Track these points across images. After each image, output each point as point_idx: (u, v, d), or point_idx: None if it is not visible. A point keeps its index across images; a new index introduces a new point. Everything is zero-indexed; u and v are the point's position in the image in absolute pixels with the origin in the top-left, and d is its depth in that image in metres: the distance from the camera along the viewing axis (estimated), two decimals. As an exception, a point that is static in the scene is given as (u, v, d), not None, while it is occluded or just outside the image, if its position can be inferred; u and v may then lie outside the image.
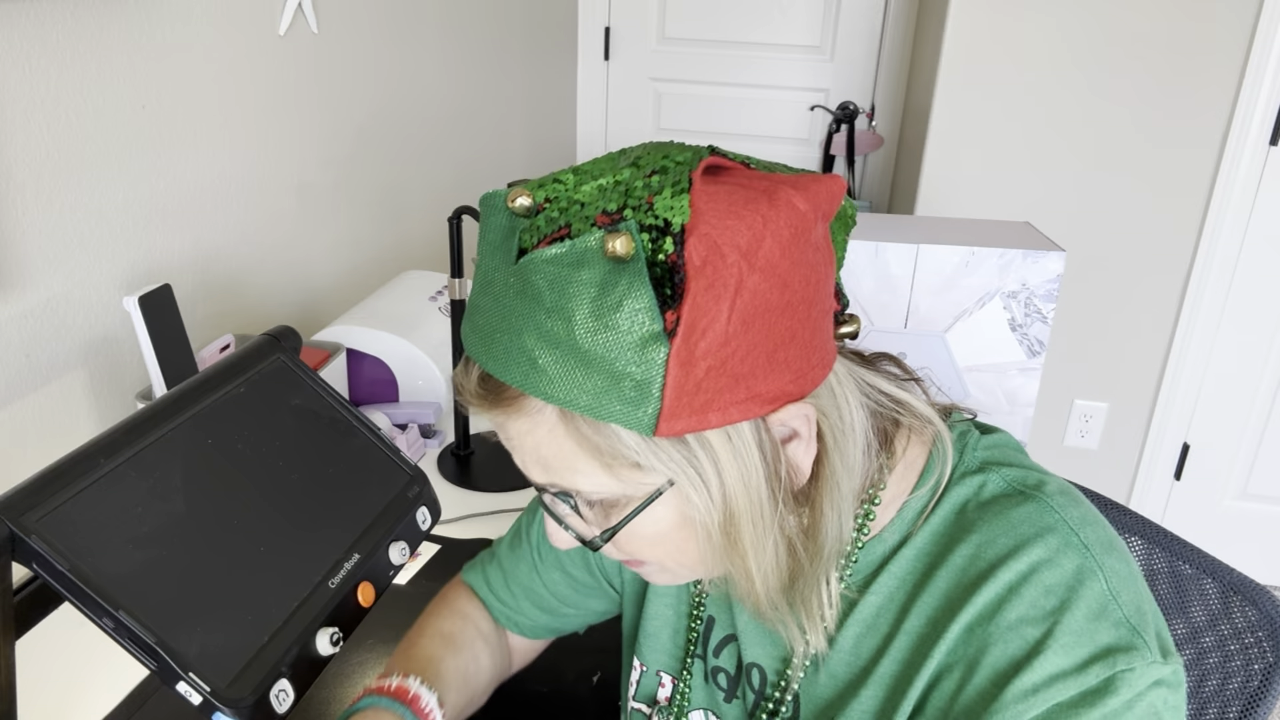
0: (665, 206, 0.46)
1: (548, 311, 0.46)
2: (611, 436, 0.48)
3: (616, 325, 0.45)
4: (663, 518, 0.52)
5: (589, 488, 0.51)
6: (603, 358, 0.45)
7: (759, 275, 0.46)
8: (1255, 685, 0.73)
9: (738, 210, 0.47)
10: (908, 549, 0.58)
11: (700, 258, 0.45)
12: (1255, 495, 2.36)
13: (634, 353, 0.45)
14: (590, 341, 0.45)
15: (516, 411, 0.50)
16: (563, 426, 0.49)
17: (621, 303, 0.45)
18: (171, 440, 0.60)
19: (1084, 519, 0.55)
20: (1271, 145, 2.05)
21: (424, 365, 1.30)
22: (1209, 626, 0.77)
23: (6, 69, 0.93)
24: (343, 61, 1.54)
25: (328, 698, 0.85)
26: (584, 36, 2.89)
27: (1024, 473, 0.58)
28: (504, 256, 0.49)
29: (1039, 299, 1.13)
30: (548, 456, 0.51)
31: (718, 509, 0.50)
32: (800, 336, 0.50)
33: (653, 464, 0.49)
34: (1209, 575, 0.78)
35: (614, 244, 0.44)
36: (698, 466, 0.49)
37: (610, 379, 0.46)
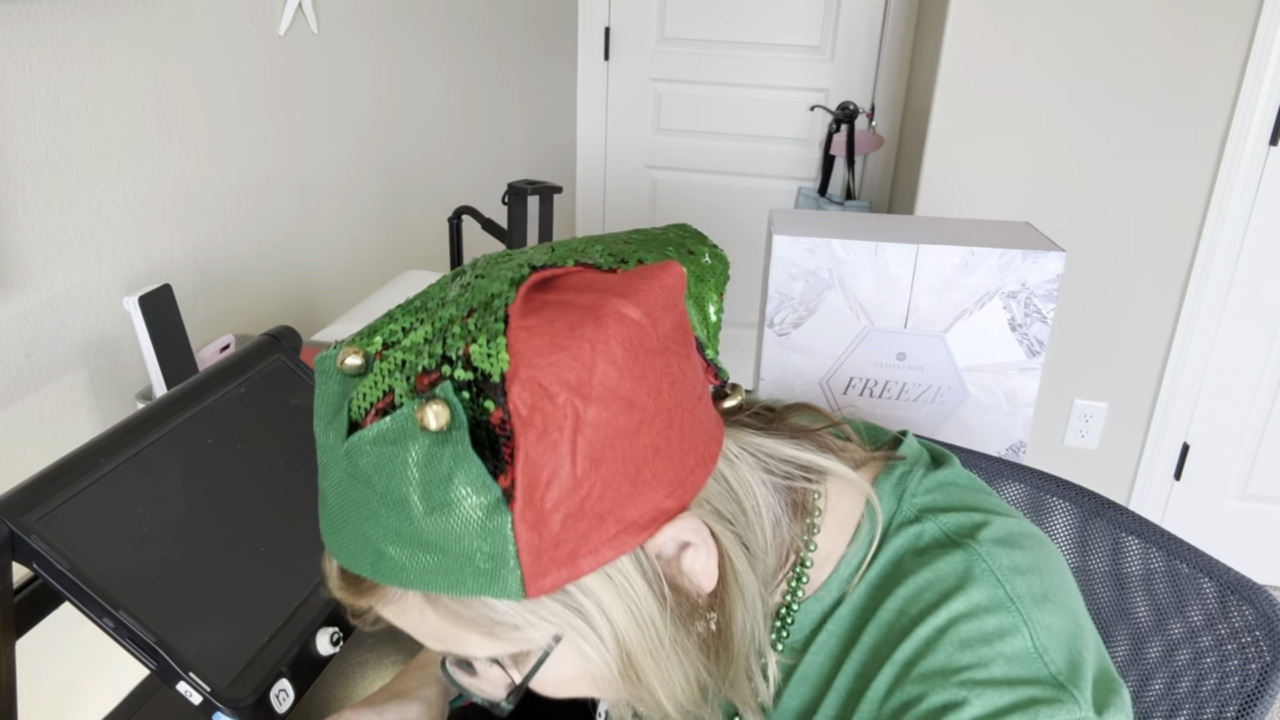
0: (481, 356, 0.42)
1: (381, 498, 0.43)
2: (482, 607, 0.45)
3: (450, 503, 0.41)
4: (564, 664, 0.48)
5: (482, 653, 0.48)
6: (446, 538, 0.42)
7: (597, 407, 0.42)
8: (1252, 685, 0.73)
9: (560, 343, 0.43)
10: (844, 607, 0.56)
11: (527, 407, 0.41)
12: (1255, 495, 2.36)
13: (477, 528, 0.41)
14: (429, 525, 0.42)
15: (380, 601, 0.47)
16: (430, 608, 0.46)
17: (450, 478, 0.41)
18: (171, 440, 0.60)
19: (1015, 568, 0.52)
20: (1271, 145, 2.05)
21: (424, 365, 1.30)
22: (1206, 627, 0.77)
23: (6, 69, 0.93)
24: (343, 61, 1.54)
25: (328, 698, 0.85)
26: (584, 36, 2.89)
27: (963, 517, 0.55)
28: (335, 434, 0.45)
29: (1039, 299, 1.13)
30: (429, 634, 0.48)
31: (612, 653, 0.47)
32: (665, 448, 0.46)
33: (534, 623, 0.45)
34: (1206, 575, 0.78)
35: (428, 416, 0.40)
36: (582, 614, 0.45)
37: (460, 557, 0.42)
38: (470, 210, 1.11)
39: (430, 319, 0.46)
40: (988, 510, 0.56)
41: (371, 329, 0.47)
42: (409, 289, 1.45)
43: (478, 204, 2.19)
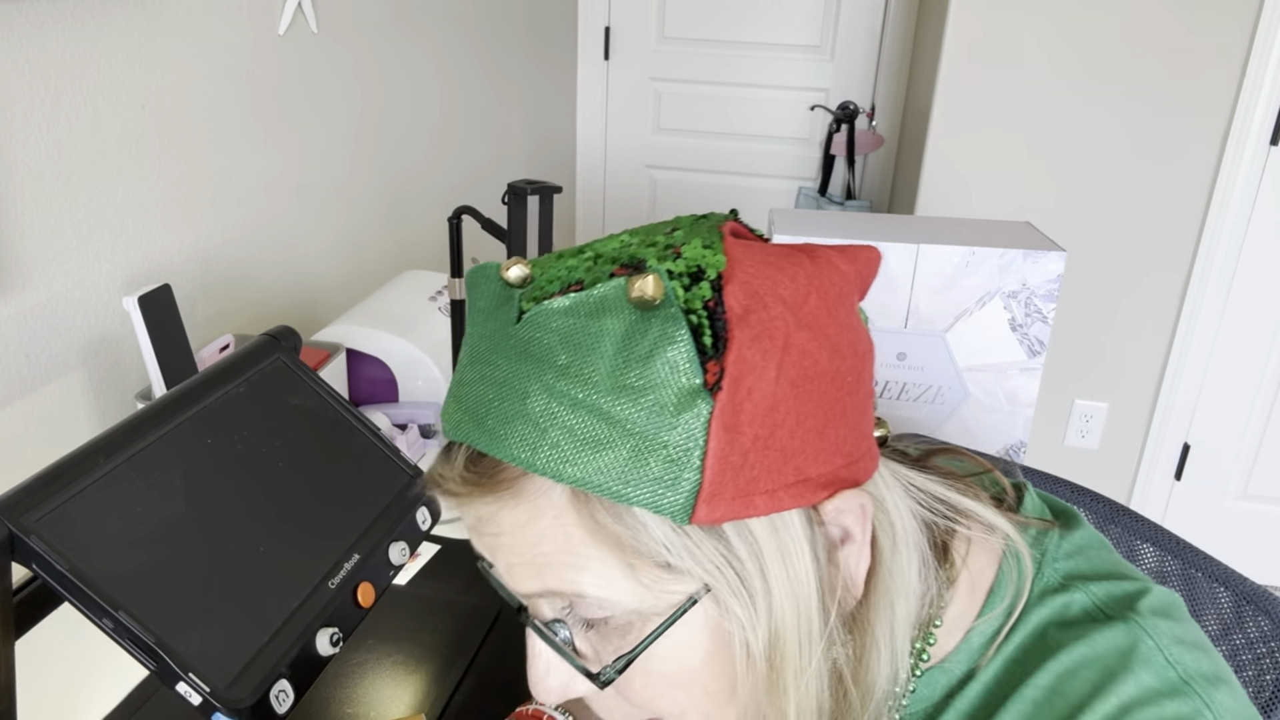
0: (696, 255, 0.39)
1: (559, 370, 0.38)
2: (636, 526, 0.39)
3: (648, 380, 0.37)
4: (692, 643, 0.42)
5: (598, 592, 0.41)
6: (630, 421, 0.37)
7: (807, 332, 0.39)
8: (1267, 696, 0.72)
9: (776, 263, 0.40)
10: (976, 682, 0.48)
11: (742, 306, 0.38)
12: (1256, 496, 2.36)
13: (669, 414, 0.37)
14: (614, 402, 0.37)
15: (514, 496, 0.41)
16: (574, 513, 0.40)
17: (653, 353, 0.37)
18: (171, 440, 0.60)
19: (1182, 642, 0.45)
20: (1272, 145, 2.05)
21: (424, 365, 1.30)
22: (1222, 636, 0.76)
23: (6, 69, 0.93)
24: (343, 61, 1.54)
25: (328, 698, 0.85)
26: (584, 36, 2.89)
27: (1114, 586, 0.48)
28: (500, 321, 0.41)
29: (1039, 299, 1.13)
30: (548, 553, 0.41)
31: (762, 623, 0.41)
32: (850, 414, 0.42)
33: (685, 563, 0.39)
34: (1222, 584, 0.77)
35: (641, 285, 0.37)
36: (739, 567, 0.40)
37: (638, 449, 0.37)
38: (470, 210, 1.11)
39: (618, 240, 0.43)
40: (1137, 577, 0.49)
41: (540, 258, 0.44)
42: (409, 289, 1.45)
43: (478, 204, 2.19)
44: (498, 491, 0.41)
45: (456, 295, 1.17)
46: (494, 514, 0.42)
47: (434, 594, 0.96)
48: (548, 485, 0.40)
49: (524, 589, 0.43)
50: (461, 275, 1.17)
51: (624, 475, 0.38)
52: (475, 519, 0.44)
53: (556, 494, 0.40)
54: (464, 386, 0.42)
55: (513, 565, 0.43)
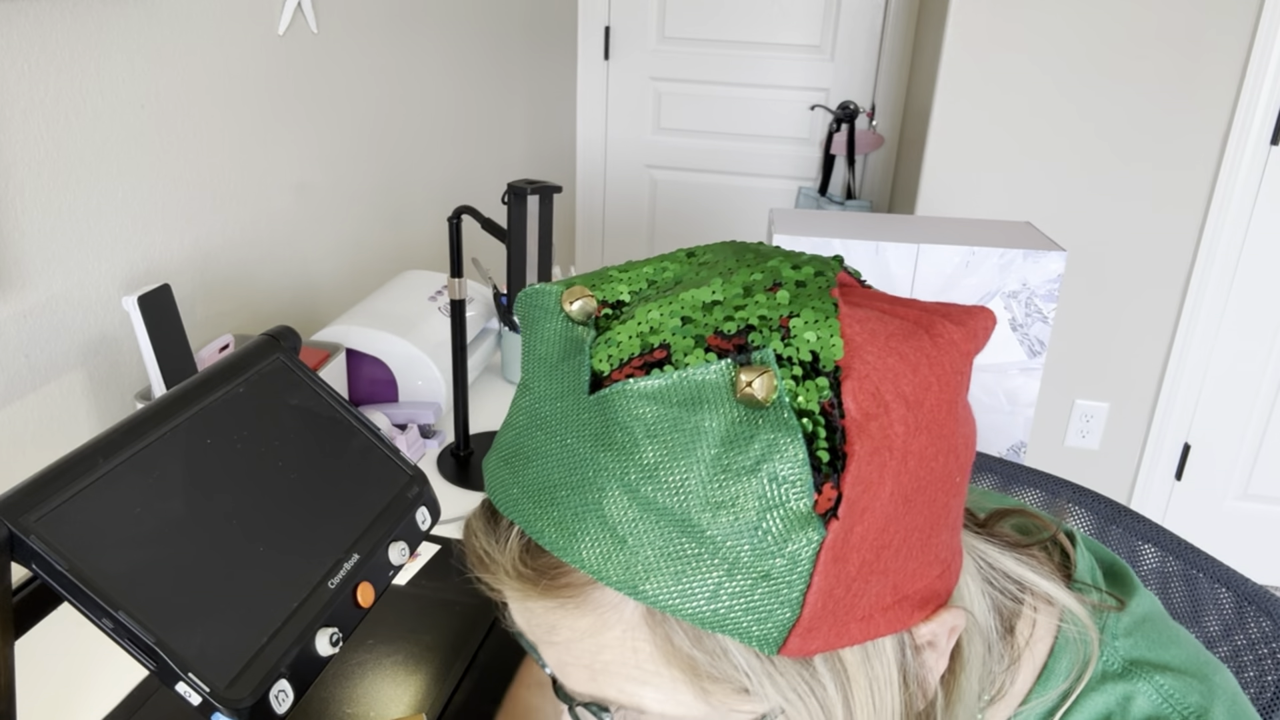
0: (809, 336, 0.33)
1: (646, 471, 0.33)
2: (717, 652, 0.35)
3: (750, 497, 0.32)
4: None
5: (659, 709, 0.36)
6: (726, 543, 0.32)
7: (926, 436, 0.34)
8: (1269, 697, 0.72)
9: (897, 348, 0.35)
10: None
11: (862, 411, 0.32)
12: (1256, 496, 2.36)
13: (774, 540, 0.32)
14: (710, 518, 0.32)
15: (579, 605, 0.36)
16: (647, 630, 0.35)
17: (760, 465, 0.32)
18: (171, 440, 0.60)
19: None
20: (1272, 145, 2.05)
21: (424, 365, 1.30)
22: (1223, 637, 0.76)
23: (6, 69, 0.93)
24: (343, 61, 1.54)
25: (327, 698, 0.85)
26: (584, 36, 2.89)
27: (1182, 684, 0.45)
28: (569, 381, 0.36)
29: (1039, 299, 1.13)
30: (610, 663, 0.36)
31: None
32: (951, 517, 0.37)
33: (764, 690, 0.35)
34: (1224, 585, 0.77)
35: (751, 381, 0.32)
36: (823, 697, 0.36)
37: (733, 574, 0.32)
38: (470, 210, 1.11)
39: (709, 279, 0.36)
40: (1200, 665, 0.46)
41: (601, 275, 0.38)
42: (409, 289, 1.45)
43: (478, 204, 2.19)
44: (560, 597, 0.36)
45: (456, 295, 1.17)
46: (549, 612, 0.37)
47: (434, 594, 0.96)
48: (620, 599, 0.35)
49: (576, 689, 0.39)
50: (461, 275, 1.17)
51: (713, 601, 0.33)
52: (526, 612, 0.39)
53: (629, 609, 0.35)
54: (522, 458, 0.37)
55: (566, 665, 0.38)
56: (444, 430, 1.33)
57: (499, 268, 2.26)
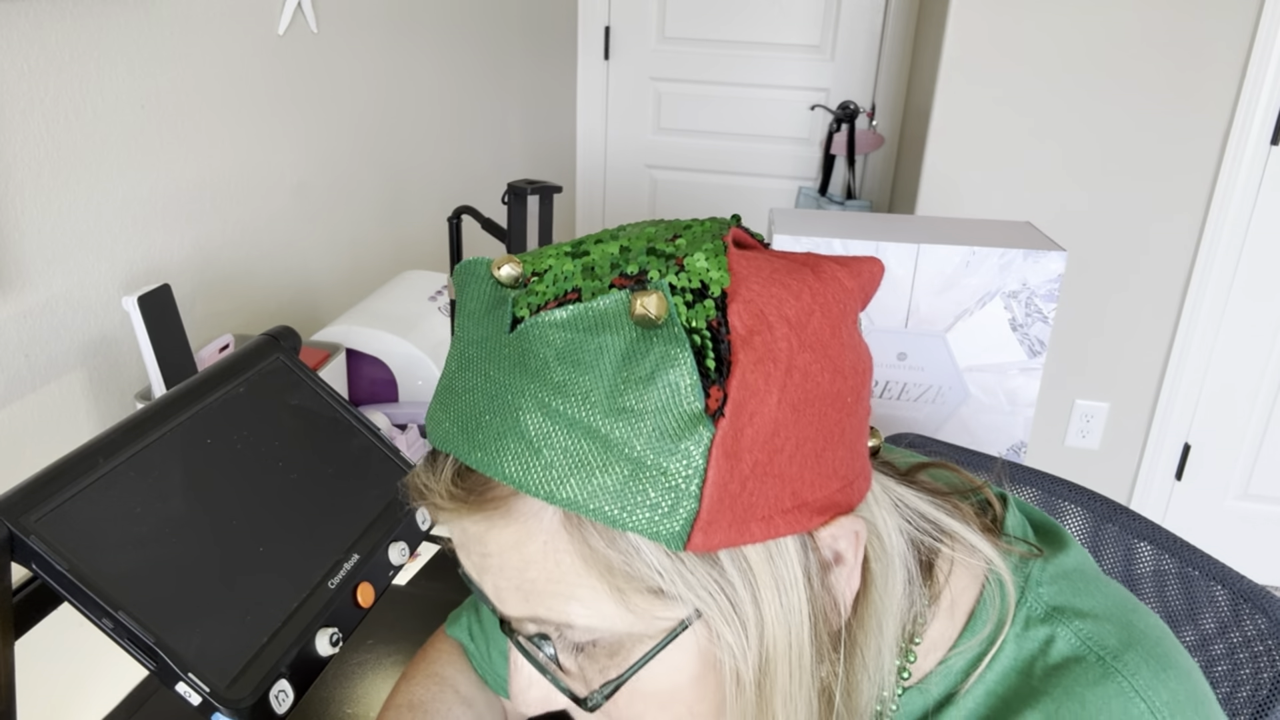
0: (699, 269, 0.38)
1: (555, 387, 0.37)
2: (629, 551, 0.38)
3: (648, 403, 0.36)
4: (681, 665, 0.41)
5: (586, 621, 0.40)
6: (628, 445, 0.36)
7: (810, 354, 0.38)
8: (1264, 694, 0.72)
9: (781, 280, 0.39)
10: (955, 709, 0.48)
11: (746, 328, 0.37)
12: (1256, 496, 2.36)
13: (669, 439, 0.36)
14: (613, 424, 0.36)
15: (504, 516, 0.39)
16: (565, 536, 0.39)
17: (654, 375, 0.36)
18: (171, 440, 0.60)
19: (1176, 701, 0.44)
20: (1272, 145, 2.05)
21: (424, 365, 1.30)
22: (1218, 634, 0.76)
23: (6, 69, 0.93)
24: (342, 61, 1.54)
25: (327, 698, 0.85)
26: (584, 36, 2.89)
27: (1101, 628, 0.47)
28: (493, 327, 0.40)
29: (1039, 299, 1.13)
30: (536, 579, 0.40)
31: (753, 649, 0.40)
32: (848, 435, 0.41)
33: (678, 590, 0.38)
34: (1219, 582, 0.77)
35: (643, 303, 0.36)
36: (732, 594, 0.39)
37: (636, 474, 0.36)
38: (470, 210, 1.11)
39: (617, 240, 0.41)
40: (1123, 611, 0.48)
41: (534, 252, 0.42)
42: (409, 289, 1.45)
43: (478, 204, 2.19)
44: (486, 510, 0.40)
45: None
46: (482, 534, 0.41)
47: (434, 594, 0.96)
48: (539, 506, 0.39)
49: (511, 613, 0.42)
50: (461, 275, 1.17)
51: (620, 500, 0.36)
52: (462, 535, 0.43)
53: (548, 516, 0.39)
54: (452, 395, 0.41)
55: (500, 589, 0.42)
56: (444, 430, 1.33)
57: (499, 268, 2.26)
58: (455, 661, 0.71)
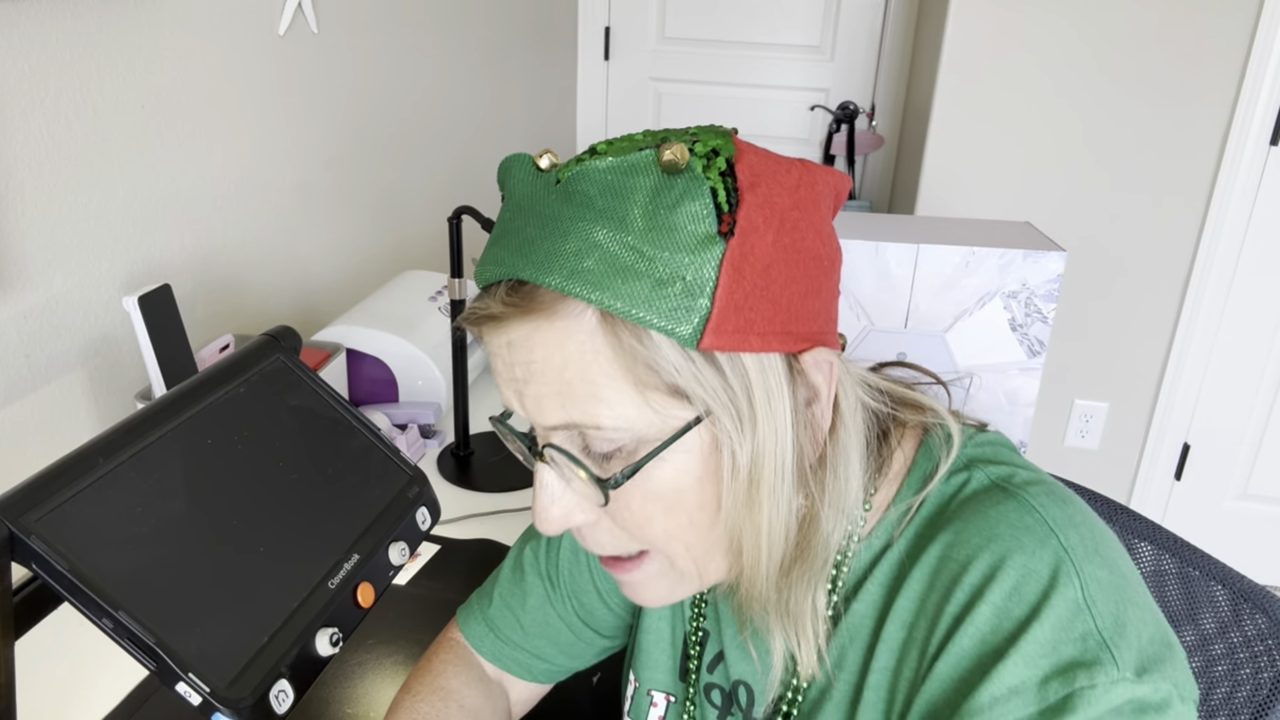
0: (712, 141, 0.47)
1: (598, 213, 0.45)
2: (652, 348, 0.46)
3: (672, 224, 0.45)
4: (688, 468, 0.48)
5: (612, 423, 0.47)
6: (655, 257, 0.45)
7: (798, 213, 0.48)
8: (1264, 694, 0.72)
9: (778, 161, 0.49)
10: (891, 552, 0.55)
11: (749, 181, 0.46)
12: (1256, 495, 2.36)
13: (688, 253, 0.45)
14: (643, 240, 0.45)
15: (549, 317, 0.46)
16: (600, 333, 0.46)
17: (678, 204, 0.45)
18: (171, 440, 0.60)
19: (1069, 519, 0.51)
20: (1272, 145, 2.05)
21: (424, 365, 1.30)
22: (1219, 634, 0.76)
23: (6, 69, 0.93)
24: (342, 61, 1.54)
25: (327, 698, 0.85)
26: (584, 36, 2.89)
27: (1010, 470, 0.55)
28: (540, 185, 0.48)
29: (1039, 299, 1.13)
30: (572, 380, 0.47)
31: (748, 442, 0.48)
32: (824, 293, 0.50)
33: (690, 386, 0.46)
34: (1219, 582, 0.77)
35: (670, 152, 0.44)
36: (732, 395, 0.47)
37: (661, 279, 0.45)
38: (470, 210, 1.11)
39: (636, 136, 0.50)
40: (1034, 470, 0.56)
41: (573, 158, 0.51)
42: (409, 289, 1.45)
43: (478, 204, 2.19)
44: (534, 313, 0.47)
45: (456, 295, 1.17)
46: (527, 337, 0.47)
47: (434, 594, 0.96)
48: (580, 308, 0.46)
49: (548, 421, 0.49)
50: (461, 275, 1.17)
51: (647, 303, 0.45)
52: (507, 348, 0.49)
53: (588, 316, 0.46)
54: (506, 235, 0.48)
55: (541, 398, 0.48)
56: (444, 430, 1.33)
57: (499, 268, 2.26)
58: (461, 671, 0.73)
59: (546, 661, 0.74)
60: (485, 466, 1.24)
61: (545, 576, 0.73)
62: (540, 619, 0.73)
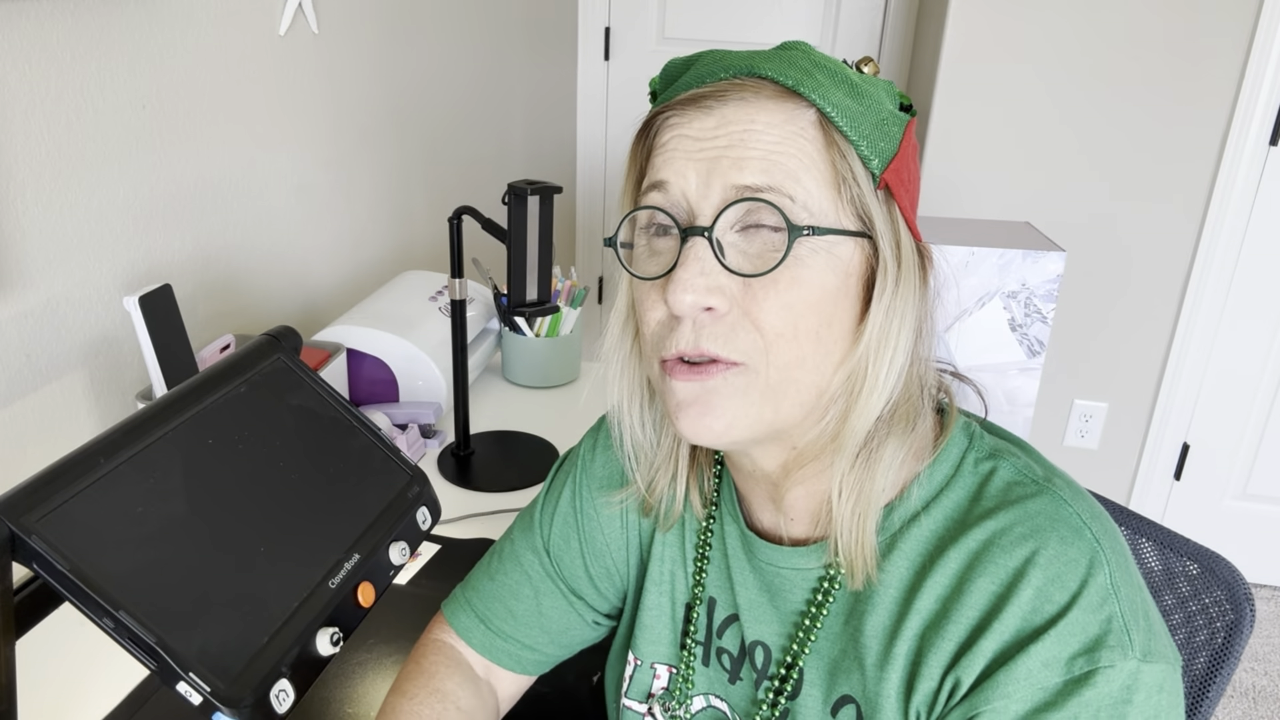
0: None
1: (819, 57, 0.55)
2: (850, 159, 0.53)
3: (877, 87, 0.55)
4: (834, 271, 0.54)
5: (804, 198, 0.53)
6: (869, 94, 0.54)
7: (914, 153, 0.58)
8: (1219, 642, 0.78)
9: None
10: (919, 527, 0.58)
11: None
12: (1255, 495, 2.36)
13: (889, 104, 0.55)
14: (861, 80, 0.54)
15: (778, 101, 0.53)
16: (816, 130, 0.53)
17: (877, 83, 0.56)
18: (171, 440, 0.60)
19: (1092, 513, 0.57)
20: (1271, 145, 2.05)
21: (424, 365, 1.30)
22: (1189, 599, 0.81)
23: (7, 69, 0.93)
24: (343, 61, 1.54)
25: (328, 698, 0.85)
26: (584, 36, 2.89)
27: (1030, 464, 0.60)
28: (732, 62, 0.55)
29: (1039, 299, 1.13)
30: (783, 154, 0.52)
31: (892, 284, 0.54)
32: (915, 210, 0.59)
33: (868, 206, 0.54)
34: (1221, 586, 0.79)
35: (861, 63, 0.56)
36: (891, 238, 0.55)
37: (870, 108, 0.54)
38: (470, 210, 1.11)
39: None
40: (1047, 462, 0.61)
41: None
42: (409, 289, 1.45)
43: (478, 204, 2.19)
44: (765, 96, 0.53)
45: (456, 295, 1.17)
46: (750, 114, 0.53)
47: (434, 594, 0.97)
48: (805, 106, 0.53)
49: (746, 180, 0.53)
50: (461, 275, 1.17)
51: (860, 118, 0.53)
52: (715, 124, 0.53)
53: (810, 114, 0.53)
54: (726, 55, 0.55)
55: (744, 160, 0.53)
56: (444, 430, 1.33)
57: (499, 268, 2.26)
58: (454, 672, 0.74)
59: (537, 651, 0.75)
60: (485, 466, 1.24)
61: (540, 562, 0.74)
62: (533, 606, 0.74)
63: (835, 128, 0.53)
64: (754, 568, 0.65)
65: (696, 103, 0.54)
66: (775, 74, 0.52)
